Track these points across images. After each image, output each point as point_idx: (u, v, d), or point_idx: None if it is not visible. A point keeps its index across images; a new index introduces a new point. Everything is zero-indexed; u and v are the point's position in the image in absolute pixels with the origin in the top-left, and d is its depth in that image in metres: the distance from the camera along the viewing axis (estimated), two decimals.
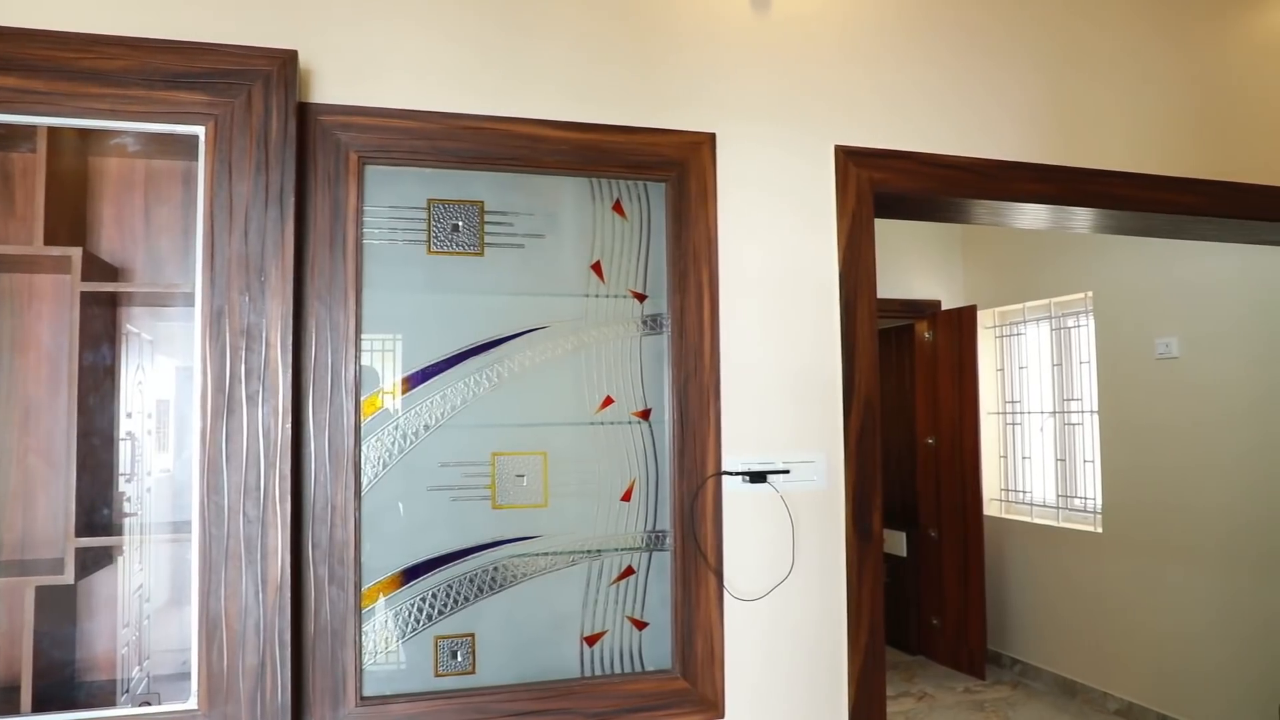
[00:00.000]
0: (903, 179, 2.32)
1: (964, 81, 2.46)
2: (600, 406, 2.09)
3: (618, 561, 2.09)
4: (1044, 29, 2.58)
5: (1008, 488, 5.68)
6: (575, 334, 2.08)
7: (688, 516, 2.08)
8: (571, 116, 2.08)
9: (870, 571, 2.22)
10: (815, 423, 2.21)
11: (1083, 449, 5.11)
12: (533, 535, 2.04)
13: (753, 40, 2.25)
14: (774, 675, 2.16)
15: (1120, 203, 2.61)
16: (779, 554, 2.17)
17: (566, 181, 2.10)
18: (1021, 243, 5.38)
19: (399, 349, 1.99)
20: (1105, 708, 4.78)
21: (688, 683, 2.07)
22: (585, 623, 2.06)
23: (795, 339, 2.22)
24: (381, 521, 1.95)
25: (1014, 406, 5.67)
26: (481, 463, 2.01)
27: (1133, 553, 4.61)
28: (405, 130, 1.96)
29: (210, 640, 1.68)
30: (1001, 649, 5.56)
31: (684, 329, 2.10)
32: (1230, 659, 4.07)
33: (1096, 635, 4.86)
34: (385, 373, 1.97)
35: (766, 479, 2.14)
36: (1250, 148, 2.85)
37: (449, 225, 2.02)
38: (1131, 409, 4.62)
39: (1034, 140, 2.53)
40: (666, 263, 2.13)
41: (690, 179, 2.12)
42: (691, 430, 2.09)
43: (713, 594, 2.09)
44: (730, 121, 2.20)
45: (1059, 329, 5.27)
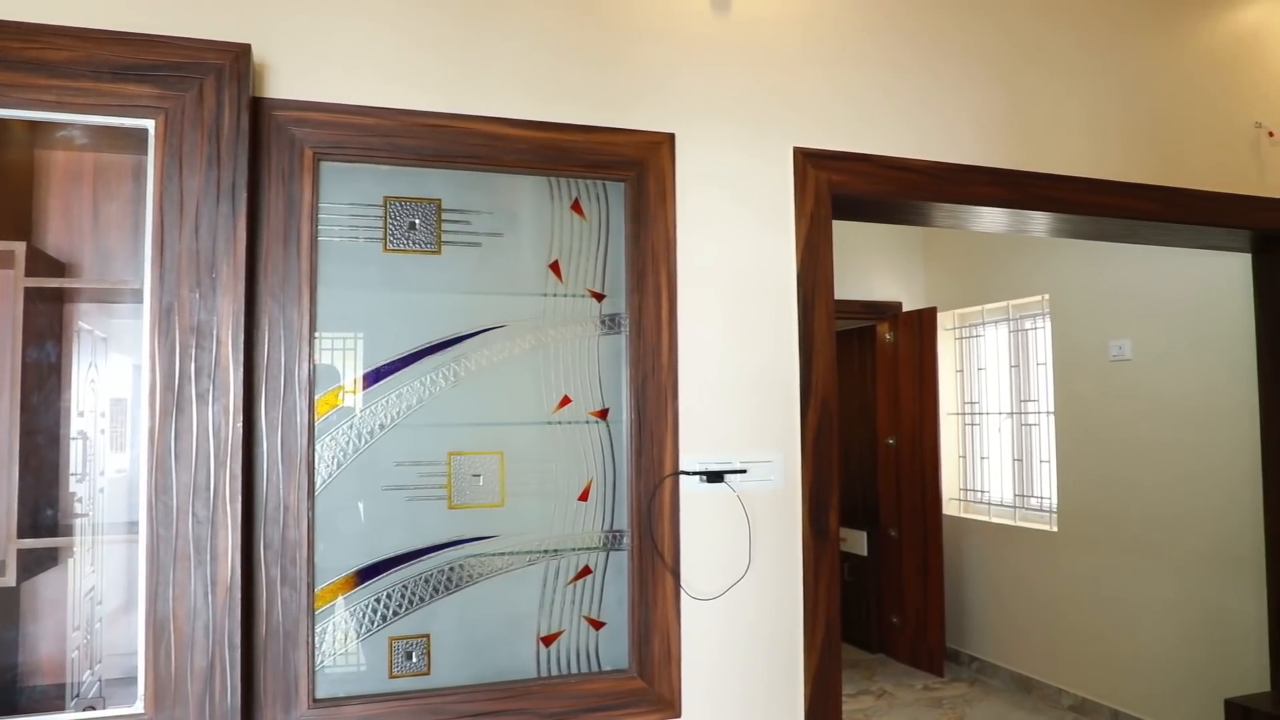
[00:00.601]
0: (861, 181, 2.34)
1: (922, 86, 2.49)
2: (558, 406, 2.08)
3: (575, 561, 2.08)
4: (1000, 36, 2.62)
5: (966, 487, 5.76)
6: (533, 333, 2.08)
7: (645, 516, 2.08)
8: (530, 115, 2.07)
9: (827, 570, 2.24)
10: (773, 422, 2.23)
11: (1039, 449, 5.19)
12: (489, 535, 2.03)
13: (712, 41, 2.26)
14: (730, 674, 2.17)
15: (1073, 207, 2.66)
16: (736, 553, 2.18)
17: (525, 180, 2.09)
18: (981, 246, 5.45)
19: (354, 347, 1.97)
20: (1059, 703, 4.86)
21: (644, 682, 2.07)
22: (542, 623, 2.06)
23: (753, 339, 2.23)
24: (336, 521, 1.93)
25: (973, 407, 5.74)
26: (438, 462, 2.00)
27: (1086, 551, 4.69)
28: (362, 127, 1.94)
29: (158, 642, 1.65)
30: (960, 647, 5.63)
31: (642, 329, 2.10)
32: (1177, 653, 4.16)
33: (1051, 633, 4.94)
34: (340, 371, 1.95)
35: (724, 478, 2.15)
36: (1198, 155, 2.92)
37: (406, 223, 2.01)
38: (1086, 410, 4.70)
39: (990, 145, 2.57)
40: (625, 262, 2.13)
41: (649, 179, 2.13)
42: (649, 430, 2.09)
43: (670, 593, 2.09)
44: (690, 122, 2.21)
45: (1017, 331, 5.36)
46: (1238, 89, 3.02)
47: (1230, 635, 3.87)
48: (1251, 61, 3.05)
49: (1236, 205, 2.95)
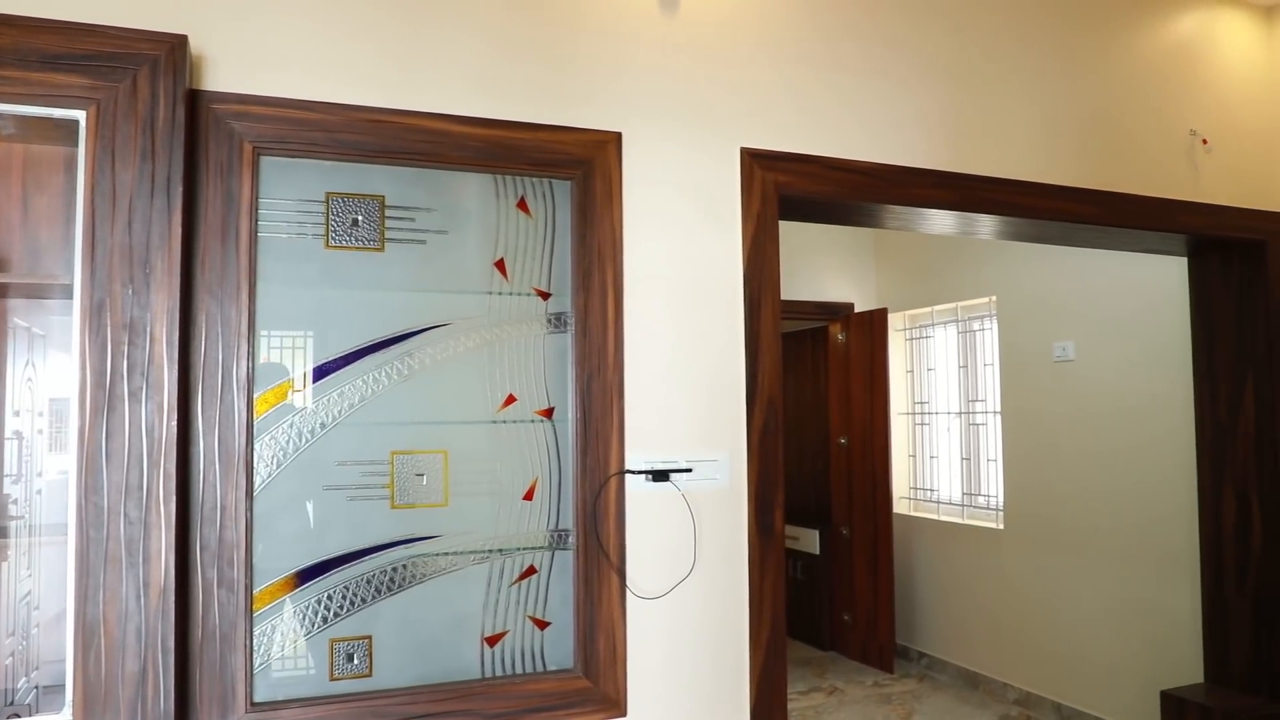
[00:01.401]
0: (807, 182, 2.36)
1: (869, 89, 2.52)
2: (503, 405, 2.07)
3: (520, 561, 2.07)
4: (946, 42, 2.66)
5: (916, 486, 5.84)
6: (478, 331, 2.06)
7: (590, 515, 2.08)
8: (476, 112, 2.06)
9: (772, 568, 2.25)
10: (719, 422, 2.24)
11: (986, 448, 5.28)
12: (432, 535, 2.01)
13: (660, 41, 2.26)
14: (676, 672, 2.17)
15: (1015, 210, 2.71)
16: (681, 552, 2.19)
17: (470, 178, 2.08)
18: (931, 248, 5.53)
19: (295, 345, 1.94)
20: (1005, 698, 4.95)
21: (590, 682, 2.07)
22: (486, 623, 2.04)
23: (699, 338, 2.24)
24: (275, 521, 1.90)
25: (923, 407, 5.82)
26: (380, 461, 1.98)
27: (1031, 548, 4.78)
28: (303, 121, 1.91)
29: (87, 647, 1.61)
30: (910, 643, 5.70)
31: (588, 328, 2.10)
32: (1116, 647, 4.26)
33: (997, 628, 5.02)
34: (280, 369, 1.92)
35: (669, 478, 2.15)
36: (1136, 160, 2.99)
37: (348, 219, 1.98)
38: (1031, 410, 4.80)
39: (935, 148, 2.60)
40: (571, 261, 2.12)
41: (596, 177, 2.13)
42: (595, 429, 2.09)
43: (615, 592, 2.09)
44: (637, 121, 2.21)
45: (965, 332, 5.44)
46: (1174, 97, 3.10)
47: (1166, 629, 3.97)
48: (1187, 71, 3.14)
49: (1172, 210, 3.03)
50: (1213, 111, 3.17)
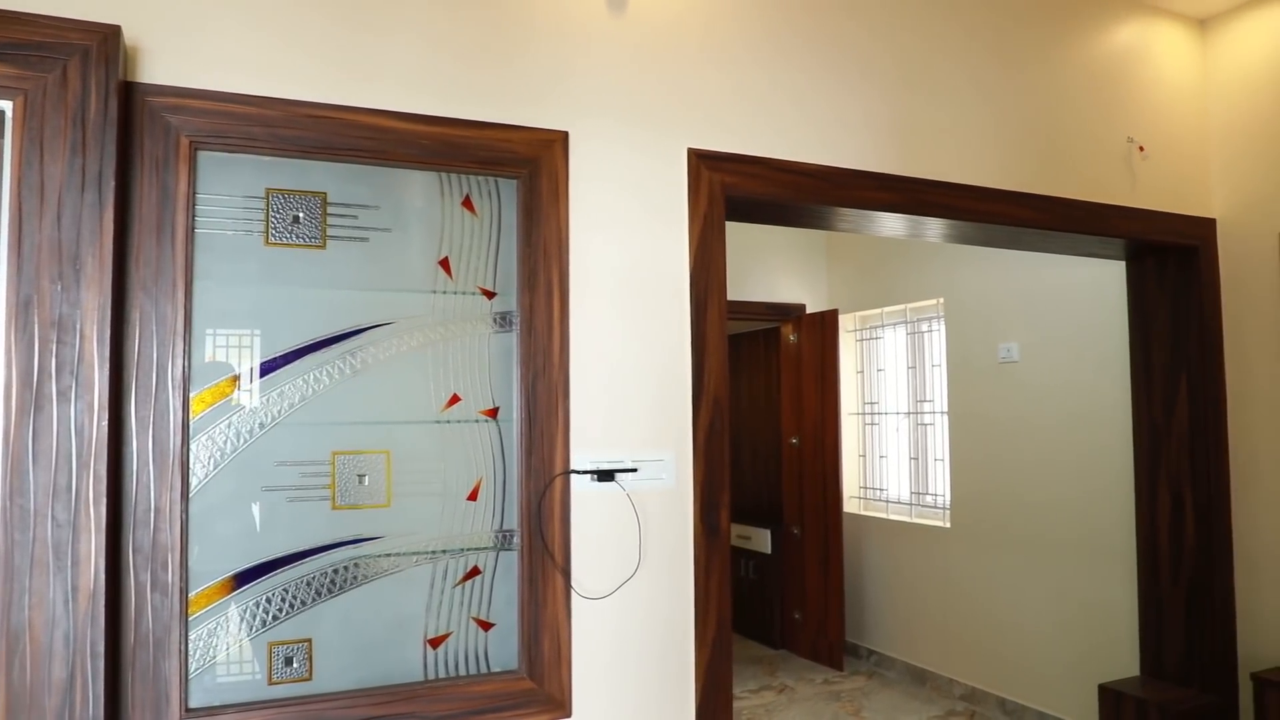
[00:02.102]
0: (754, 183, 2.38)
1: (816, 91, 2.55)
2: (447, 404, 2.06)
3: (463, 562, 2.06)
4: (892, 47, 2.70)
5: (866, 486, 5.91)
6: (421, 331, 2.04)
7: (535, 516, 2.07)
8: (421, 109, 2.04)
9: (718, 567, 2.26)
10: (665, 422, 2.24)
11: (934, 448, 5.36)
12: (375, 536, 1.99)
13: (607, 40, 2.26)
14: (622, 672, 2.17)
15: (958, 213, 2.76)
16: (627, 552, 2.19)
17: (415, 175, 2.06)
18: (881, 250, 5.60)
19: (233, 343, 1.90)
20: (952, 693, 5.03)
21: (534, 683, 2.06)
22: (429, 624, 2.03)
23: (646, 338, 2.24)
24: (212, 523, 1.86)
25: (872, 407, 5.90)
26: (321, 462, 1.95)
27: (977, 546, 4.87)
28: (242, 116, 1.88)
29: (11, 654, 1.56)
30: (859, 641, 5.77)
31: (533, 327, 2.09)
32: (1057, 642, 4.35)
33: (944, 625, 5.10)
34: (218, 367, 1.88)
35: (614, 477, 2.15)
36: (1076, 166, 3.06)
37: (289, 216, 1.95)
38: (977, 410, 4.88)
39: (881, 151, 2.64)
40: (517, 260, 2.11)
41: (542, 176, 2.12)
42: (540, 429, 2.08)
43: (560, 593, 2.09)
44: (584, 120, 2.21)
45: (914, 333, 5.52)
46: (1112, 105, 3.18)
47: (1105, 624, 4.06)
48: (1125, 79, 3.22)
49: (1110, 215, 3.10)
50: (1149, 120, 3.26)
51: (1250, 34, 3.30)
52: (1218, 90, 3.40)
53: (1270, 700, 2.82)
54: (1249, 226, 3.28)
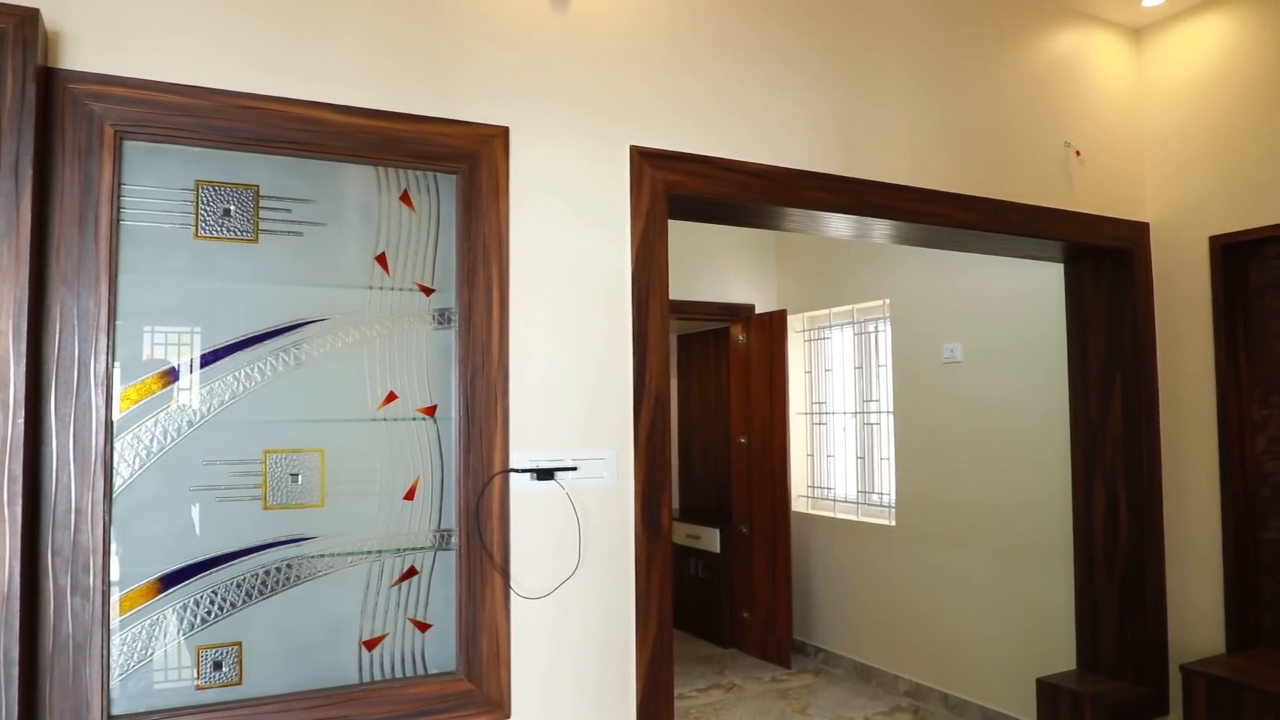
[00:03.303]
0: (697, 182, 2.38)
1: (760, 92, 2.56)
2: (383, 402, 2.02)
3: (400, 562, 2.03)
4: (836, 49, 2.72)
5: (814, 485, 5.96)
6: (357, 327, 2.01)
7: (473, 515, 2.05)
8: (358, 102, 2.00)
9: (659, 566, 2.26)
10: (606, 420, 2.23)
11: (880, 447, 5.42)
12: (308, 536, 1.95)
13: (550, 37, 2.25)
14: (562, 672, 2.16)
15: (900, 214, 2.79)
16: (567, 551, 2.17)
17: (351, 169, 2.02)
18: (829, 251, 5.66)
19: (160, 339, 1.85)
20: (896, 689, 5.09)
21: (472, 684, 2.03)
22: (364, 626, 1.99)
23: (587, 336, 2.23)
24: (137, 524, 1.80)
25: (820, 407, 5.95)
26: (252, 460, 1.90)
27: (920, 544, 4.94)
28: (170, 105, 1.83)
29: None
30: (807, 639, 5.81)
31: (472, 324, 2.06)
32: (998, 637, 4.43)
33: (889, 622, 5.16)
34: (144, 364, 1.83)
35: (554, 476, 2.14)
36: (1015, 170, 3.12)
37: (219, 209, 1.90)
38: (921, 410, 4.95)
39: (825, 151, 2.65)
40: (456, 256, 2.09)
41: (482, 172, 2.09)
42: (478, 427, 2.06)
43: (499, 593, 2.07)
44: (525, 117, 2.19)
45: (861, 334, 5.58)
46: (1050, 111, 3.24)
47: (1044, 618, 4.14)
48: (1063, 86, 3.28)
49: (1048, 218, 3.16)
50: (1085, 125, 3.33)
51: (1182, 44, 3.38)
52: (1151, 98, 3.48)
53: (1197, 690, 2.89)
54: (1180, 230, 3.37)
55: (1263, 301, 3.18)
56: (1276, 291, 3.14)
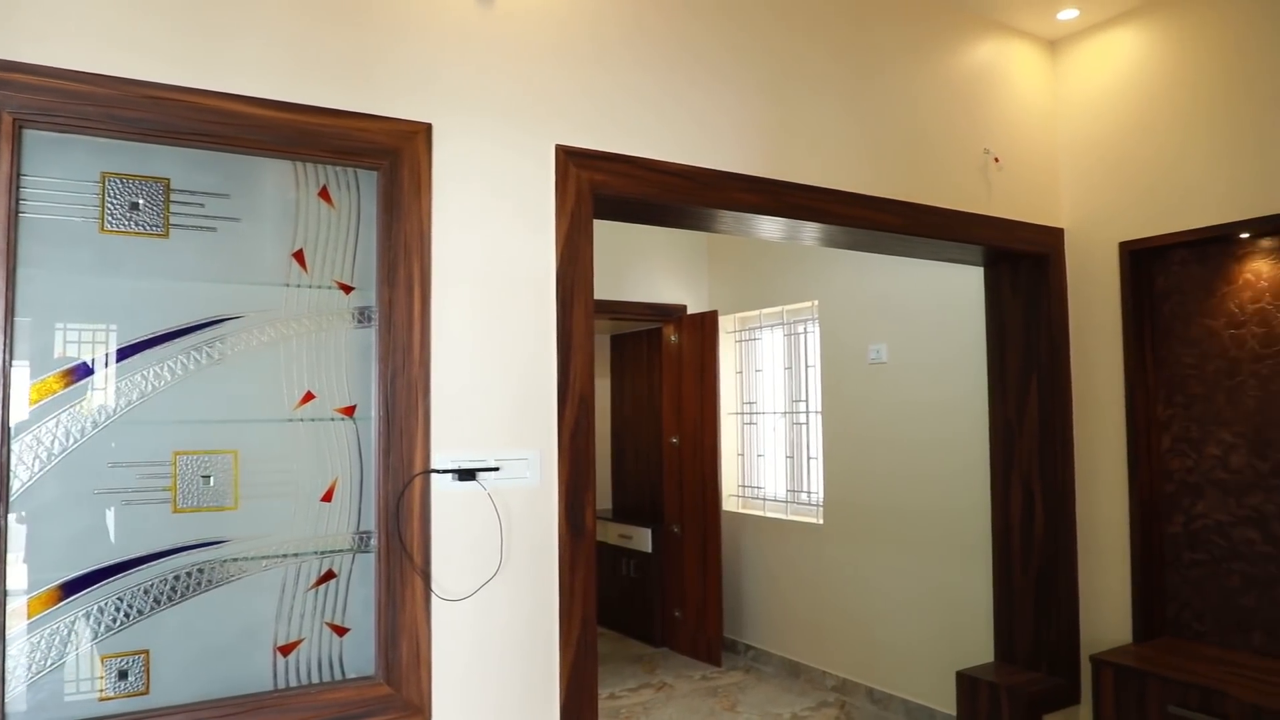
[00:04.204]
0: (623, 182, 2.38)
1: (686, 93, 2.57)
2: (300, 402, 1.98)
3: (317, 565, 1.99)
4: (763, 52, 2.75)
5: (744, 484, 6.02)
6: (273, 325, 1.96)
7: (393, 516, 2.01)
8: (274, 95, 1.95)
9: (583, 566, 2.25)
10: (530, 420, 2.22)
11: (809, 447, 5.50)
12: (220, 540, 1.89)
13: (475, 33, 2.22)
14: (484, 674, 2.14)
15: (824, 216, 2.83)
16: (489, 552, 2.15)
17: (267, 163, 1.97)
18: (760, 253, 5.72)
19: (64, 337, 1.78)
20: (824, 685, 5.17)
21: (391, 688, 2.00)
22: (280, 631, 1.94)
23: (510, 336, 2.21)
24: (36, 530, 1.73)
25: (751, 407, 6.01)
26: (161, 462, 1.84)
27: (848, 542, 5.02)
28: (74, 93, 1.76)
29: None
30: (737, 637, 5.87)
31: (393, 323, 2.03)
32: (923, 632, 4.53)
33: (817, 619, 5.24)
34: (46, 362, 1.76)
35: (476, 477, 2.12)
36: (936, 175, 3.19)
37: (127, 202, 1.84)
38: (848, 410, 5.04)
39: (750, 154, 2.68)
40: (376, 254, 2.05)
41: (404, 169, 2.06)
42: (399, 427, 2.03)
43: (419, 595, 2.04)
44: (449, 113, 2.16)
45: (791, 334, 5.66)
46: (970, 118, 3.32)
47: (965, 613, 4.25)
48: (983, 94, 3.37)
49: (968, 223, 3.25)
50: (1004, 133, 3.43)
51: (1095, 57, 3.51)
52: (1066, 108, 3.60)
53: (1105, 679, 3.00)
54: (1093, 236, 3.49)
55: (1168, 306, 3.31)
56: (1180, 296, 3.27)
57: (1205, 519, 3.18)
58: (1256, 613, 3.03)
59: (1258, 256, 3.06)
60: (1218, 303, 3.16)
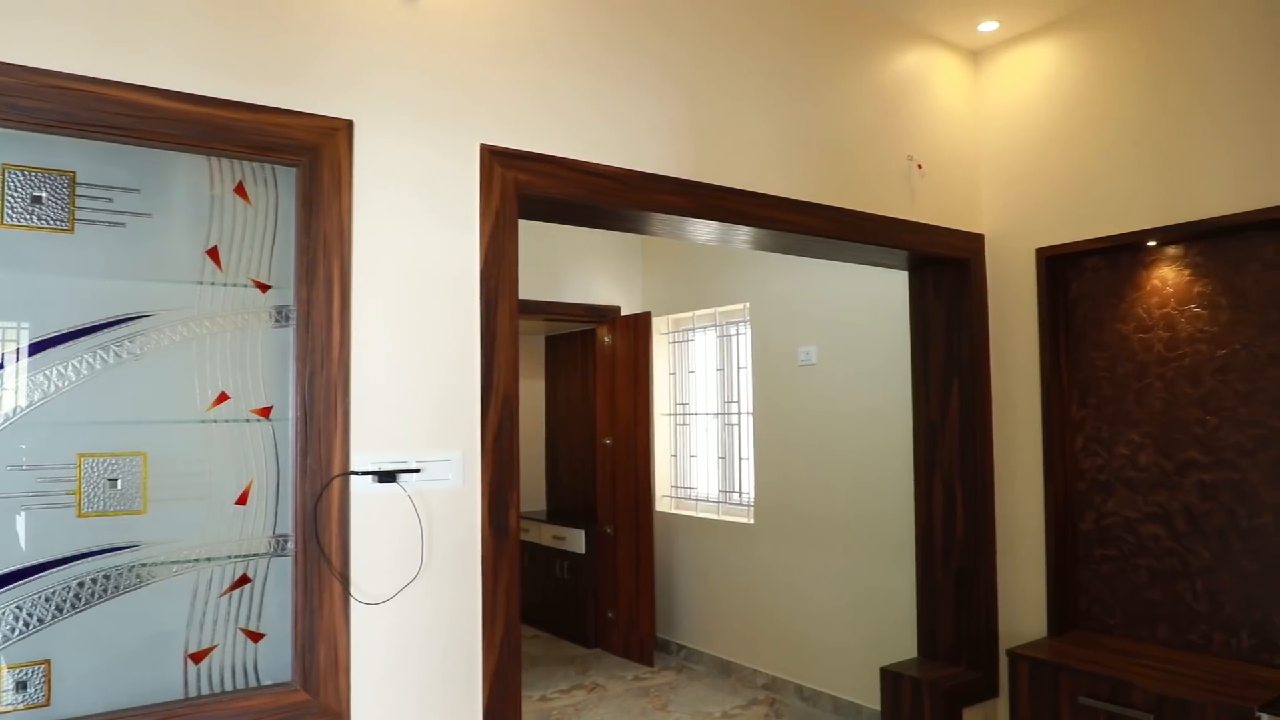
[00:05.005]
0: (549, 183, 2.38)
1: (614, 94, 2.57)
2: (214, 403, 1.93)
3: (231, 570, 1.94)
4: (691, 56, 2.77)
5: (677, 485, 6.05)
6: (185, 324, 1.91)
7: (311, 519, 1.98)
8: (188, 88, 1.90)
9: (506, 568, 2.24)
10: (452, 421, 2.20)
11: (740, 447, 5.56)
12: (128, 545, 1.84)
13: (399, 30, 2.20)
14: (406, 678, 2.11)
15: (752, 220, 2.86)
16: (411, 555, 2.13)
17: (180, 158, 1.92)
18: (693, 255, 5.76)
19: None
20: (754, 683, 5.22)
21: (309, 694, 1.97)
22: (191, 638, 1.89)
23: (434, 336, 2.19)
24: None
25: (684, 408, 6.05)
26: (64, 465, 1.78)
27: (778, 542, 5.09)
28: None
29: None
30: (670, 636, 5.90)
31: (311, 322, 1.99)
32: (850, 630, 4.62)
33: (748, 619, 5.30)
34: None
35: (396, 478, 2.09)
36: (862, 180, 3.25)
37: (28, 195, 1.77)
38: (778, 411, 5.10)
39: (678, 156, 2.70)
40: (295, 252, 2.01)
41: (324, 166, 2.03)
42: (317, 428, 1.99)
43: (338, 599, 2.00)
44: (371, 110, 2.13)
45: (723, 336, 5.71)
46: (895, 125, 3.40)
47: (891, 610, 4.34)
48: (907, 102, 3.45)
49: (893, 228, 3.32)
50: (927, 140, 3.51)
51: (1015, 69, 3.61)
52: (987, 117, 3.70)
53: (1021, 672, 3.09)
54: (1011, 242, 3.60)
55: (1081, 310, 3.43)
56: (1093, 301, 3.39)
57: (1115, 516, 3.30)
58: (1161, 606, 3.15)
59: (1164, 264, 3.18)
60: (1127, 308, 3.28)
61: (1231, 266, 3.00)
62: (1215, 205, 2.95)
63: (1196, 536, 3.06)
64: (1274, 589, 2.87)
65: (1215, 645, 3.01)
